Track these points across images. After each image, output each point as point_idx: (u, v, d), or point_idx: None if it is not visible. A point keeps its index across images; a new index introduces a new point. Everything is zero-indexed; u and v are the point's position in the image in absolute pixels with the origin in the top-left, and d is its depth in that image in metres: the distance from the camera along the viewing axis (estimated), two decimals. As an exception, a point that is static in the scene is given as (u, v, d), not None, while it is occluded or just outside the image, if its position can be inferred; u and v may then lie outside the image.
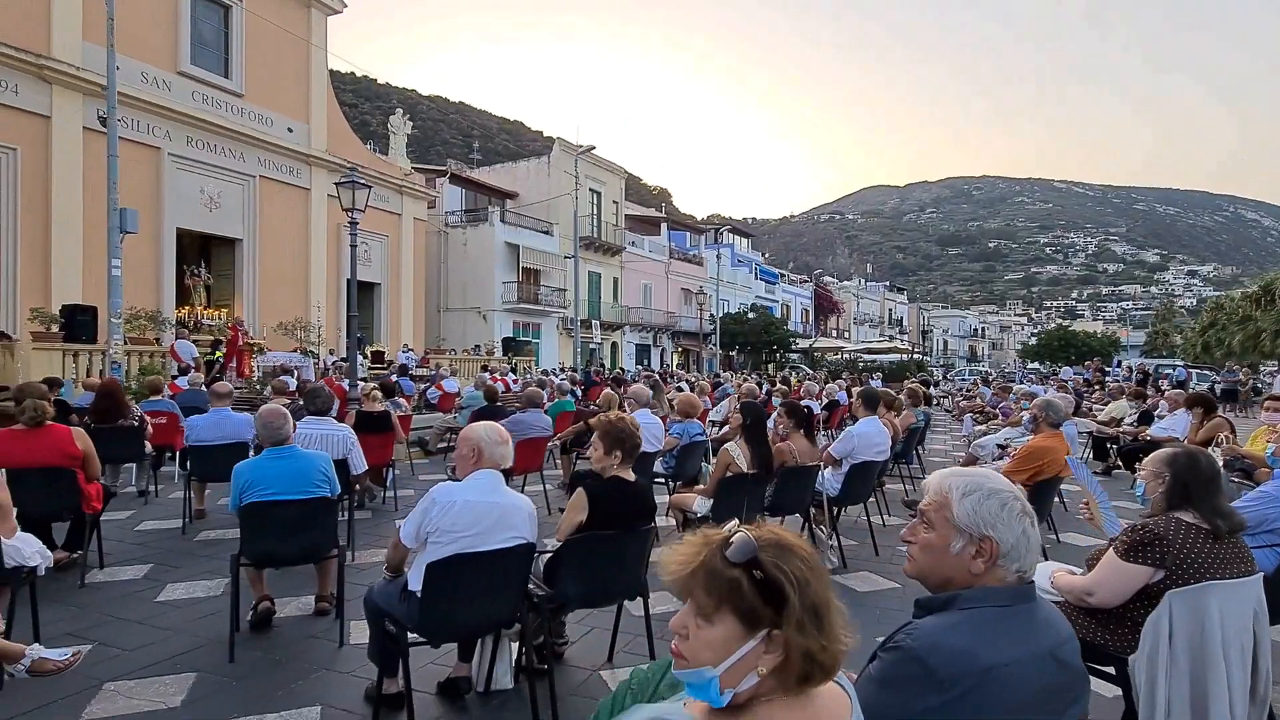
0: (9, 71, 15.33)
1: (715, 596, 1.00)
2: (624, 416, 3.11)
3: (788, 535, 1.07)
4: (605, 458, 3.05)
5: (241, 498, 3.43)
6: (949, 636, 1.30)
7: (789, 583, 0.99)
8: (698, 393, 9.98)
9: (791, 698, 1.02)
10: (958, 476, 1.46)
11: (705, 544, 1.05)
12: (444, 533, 2.52)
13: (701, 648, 1.01)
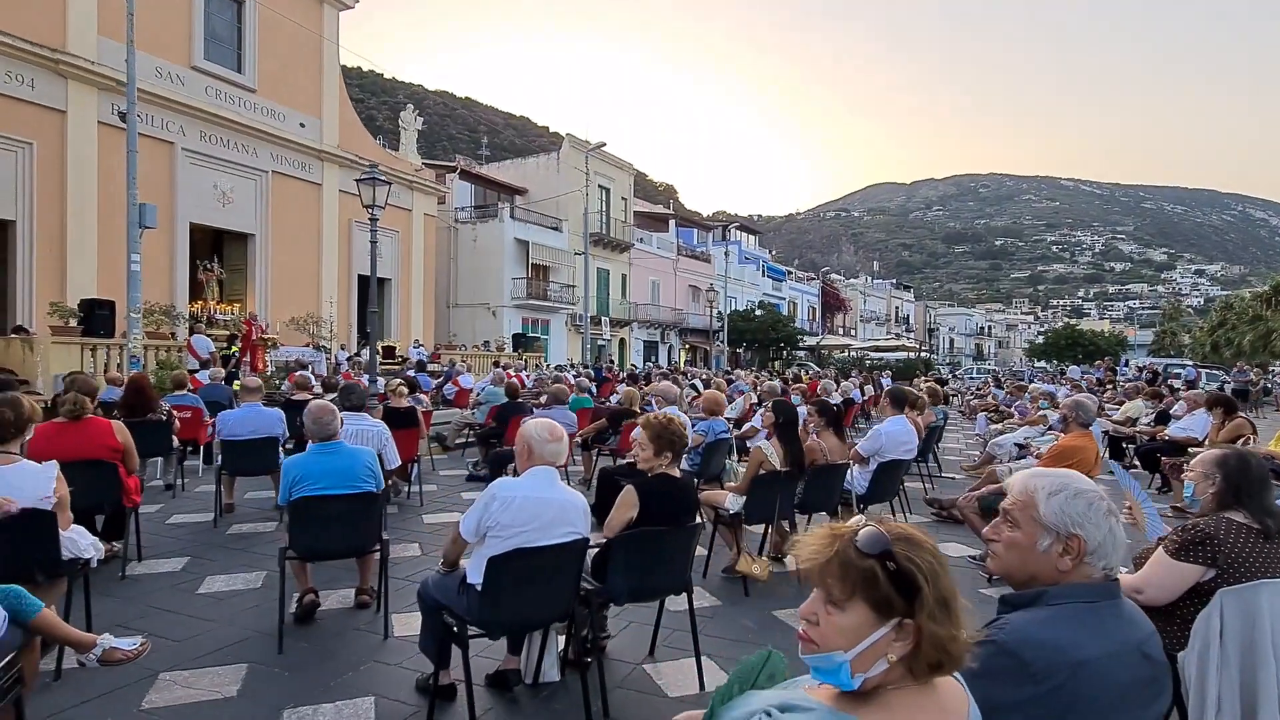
0: (25, 66, 15.41)
1: (848, 585, 1.05)
2: (673, 418, 3.15)
3: (914, 530, 1.11)
4: (655, 458, 3.09)
5: (291, 492, 3.49)
6: (1040, 630, 1.35)
7: (921, 573, 1.04)
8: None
9: (918, 687, 1.07)
10: (1042, 477, 1.50)
11: (835, 536, 1.10)
12: (504, 527, 2.57)
13: (833, 633, 1.06)
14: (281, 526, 5.89)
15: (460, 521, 2.76)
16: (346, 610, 4.06)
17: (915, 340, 60.32)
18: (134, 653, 2.53)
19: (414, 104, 28.57)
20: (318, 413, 3.62)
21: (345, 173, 23.22)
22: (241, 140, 19.99)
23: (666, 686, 3.23)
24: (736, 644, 3.72)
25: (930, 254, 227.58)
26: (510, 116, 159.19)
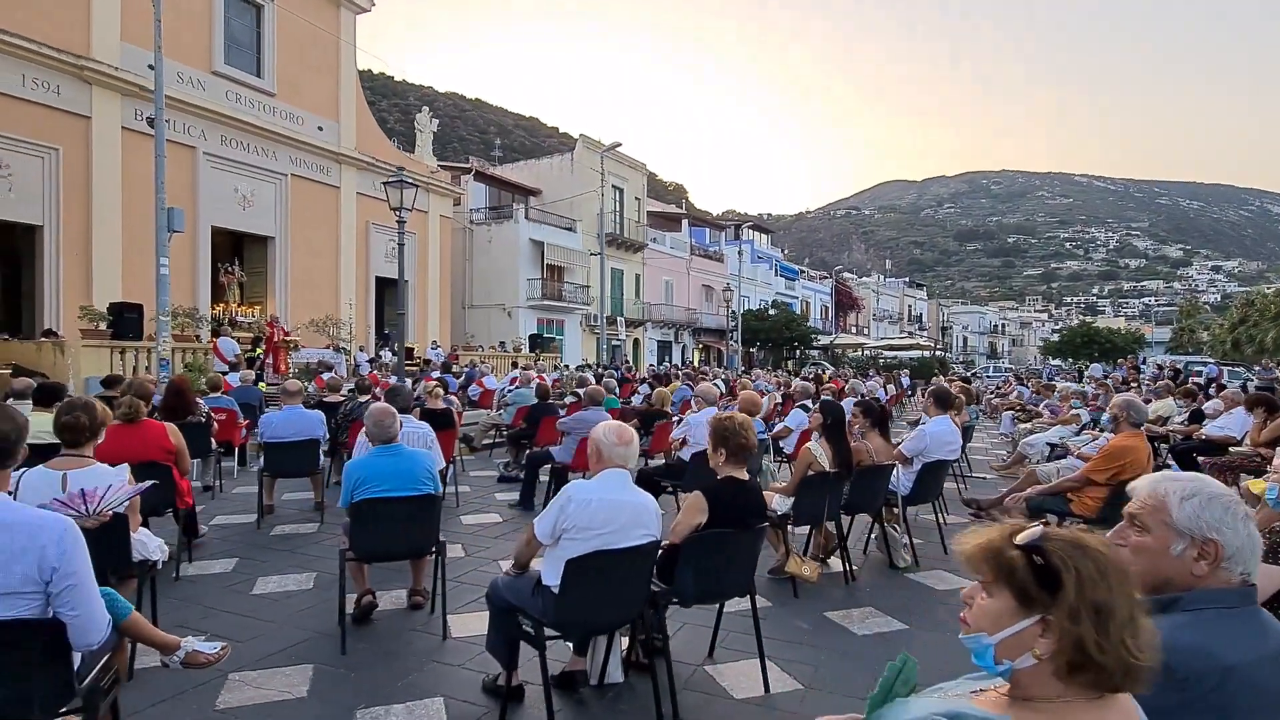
0: (51, 72, 15.59)
1: (993, 572, 1.11)
2: (733, 415, 3.15)
3: (1093, 539, 1.11)
4: (713, 455, 3.10)
5: (353, 494, 3.51)
6: (1181, 635, 1.33)
7: (1067, 572, 1.05)
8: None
9: (1089, 703, 1.06)
10: (1173, 481, 1.49)
11: (1002, 530, 1.14)
12: (581, 529, 2.58)
13: (980, 616, 1.13)
14: (323, 528, 5.96)
15: (534, 524, 2.78)
16: (401, 611, 4.08)
17: (929, 339, 59.99)
18: (215, 656, 2.56)
19: (424, 106, 28.70)
20: (379, 415, 3.64)
21: (363, 175, 23.38)
22: (261, 144, 20.15)
23: (731, 688, 3.23)
24: (792, 645, 3.71)
25: (942, 252, 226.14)
26: (520, 117, 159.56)
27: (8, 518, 1.92)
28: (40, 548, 1.90)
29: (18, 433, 2.00)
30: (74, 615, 1.95)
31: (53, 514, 2.02)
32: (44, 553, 1.90)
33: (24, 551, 1.88)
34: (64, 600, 1.94)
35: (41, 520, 1.96)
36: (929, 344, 49.13)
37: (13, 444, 1.99)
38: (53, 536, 1.93)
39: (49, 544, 1.92)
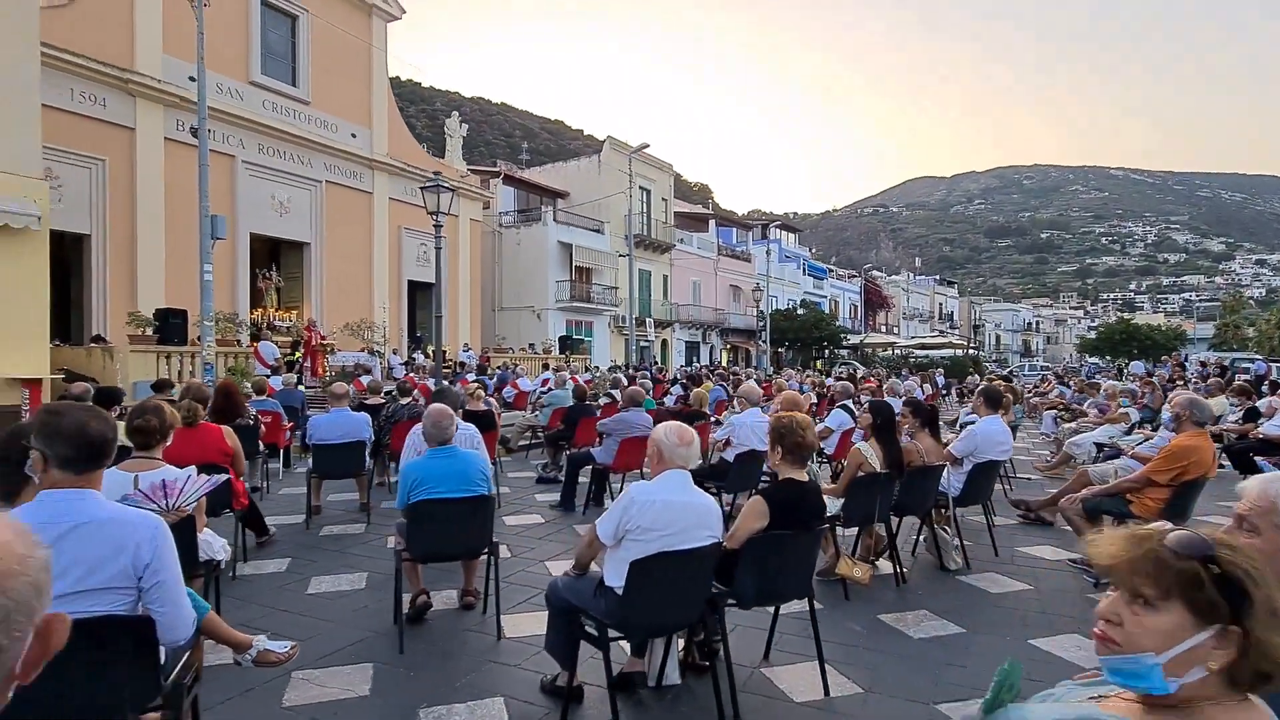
0: (98, 86, 16.06)
1: (1163, 586, 1.01)
2: (794, 415, 3.12)
3: (1229, 536, 1.07)
4: (771, 454, 3.08)
5: (410, 495, 3.55)
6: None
7: (1249, 578, 0.99)
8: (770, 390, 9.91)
9: (1235, 703, 1.02)
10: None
11: (1142, 537, 1.06)
12: (644, 531, 2.57)
13: (1141, 635, 1.02)
14: (369, 528, 6.04)
15: (596, 525, 2.77)
16: (453, 611, 4.12)
17: (961, 337, 59.01)
18: (285, 655, 2.60)
19: (452, 111, 29.02)
20: (437, 416, 3.68)
21: (394, 180, 23.72)
22: (297, 151, 20.55)
23: (790, 691, 3.20)
24: (847, 648, 3.66)
25: (973, 249, 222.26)
26: (546, 120, 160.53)
27: (103, 516, 1.97)
28: (135, 545, 1.96)
29: (113, 432, 2.05)
30: (163, 612, 2.00)
31: (145, 513, 2.07)
32: (138, 550, 1.95)
33: (119, 549, 1.94)
34: (154, 597, 1.99)
35: (136, 519, 2.02)
36: (962, 342, 48.30)
37: (109, 444, 2.03)
38: (146, 535, 1.98)
39: (143, 542, 1.97)
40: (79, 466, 1.97)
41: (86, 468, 1.99)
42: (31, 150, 11.37)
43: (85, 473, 1.99)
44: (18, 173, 11.03)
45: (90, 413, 2.05)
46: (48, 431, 1.97)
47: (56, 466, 1.97)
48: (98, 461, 2.02)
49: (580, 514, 6.61)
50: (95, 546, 1.91)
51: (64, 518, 1.89)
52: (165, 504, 2.71)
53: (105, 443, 2.02)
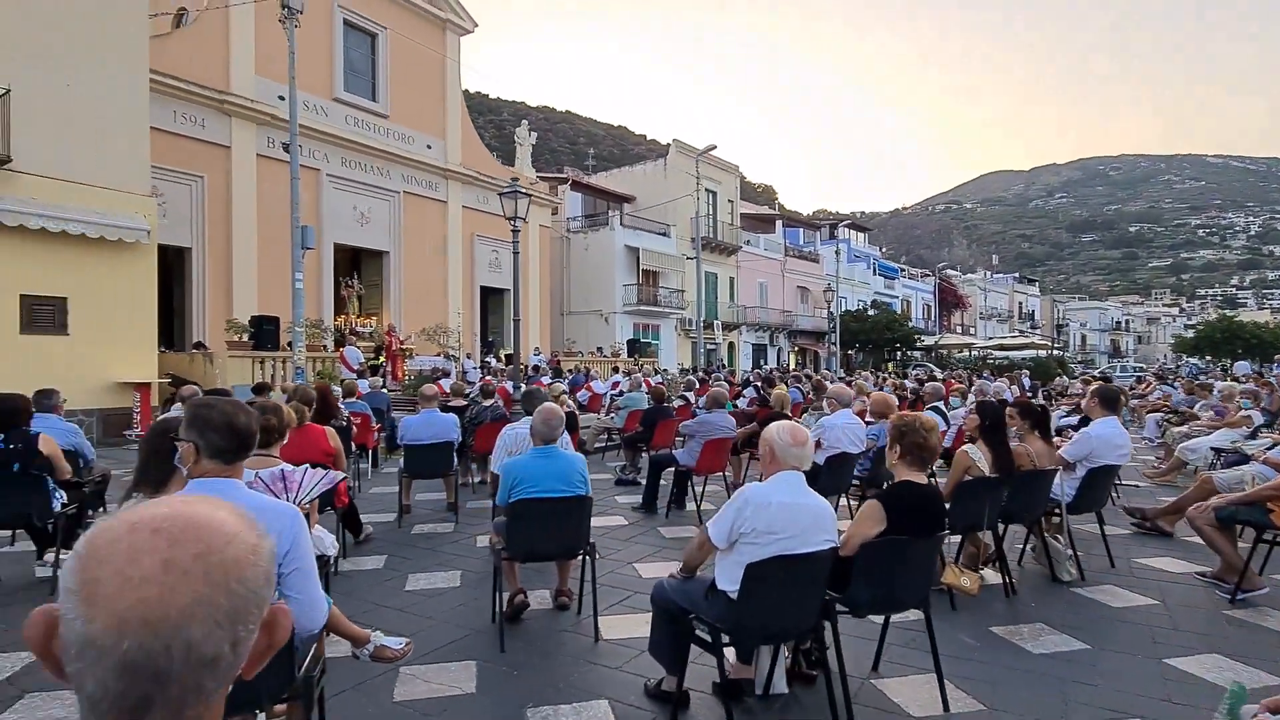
0: (197, 107, 17.11)
1: None
2: (918, 415, 2.97)
3: None
4: (889, 455, 2.94)
5: (511, 494, 3.58)
6: None
7: None
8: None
9: None
10: None
11: None
12: (761, 534, 2.49)
13: None
14: (459, 527, 6.15)
15: (708, 527, 2.70)
16: (547, 611, 4.12)
17: (1043, 337, 56.21)
18: (401, 652, 2.65)
19: (518, 121, 29.59)
20: (548, 415, 3.70)
21: (467, 189, 24.38)
22: (377, 163, 21.38)
23: (905, 704, 3.04)
24: (961, 661, 3.47)
25: (1054, 245, 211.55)
26: (609, 127, 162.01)
27: (249, 503, 2.04)
28: (276, 533, 2.00)
29: (257, 425, 2.17)
30: (299, 599, 2.05)
31: (283, 503, 2.18)
32: (278, 538, 1.99)
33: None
34: (290, 584, 2.05)
35: (277, 506, 2.11)
36: (1045, 343, 46.00)
37: (253, 435, 2.13)
38: (286, 523, 2.05)
39: (283, 530, 2.03)
40: (227, 456, 2.08)
41: (234, 457, 2.10)
42: (141, 170, 12.20)
43: (232, 462, 2.09)
44: (130, 191, 11.86)
45: (237, 406, 2.16)
46: (200, 423, 2.07)
47: (207, 456, 2.07)
48: (243, 452, 2.12)
49: (663, 516, 6.56)
50: None
51: None
52: (285, 498, 2.80)
53: (251, 434, 2.12)
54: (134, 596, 0.60)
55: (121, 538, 0.64)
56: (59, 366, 10.43)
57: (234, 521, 0.69)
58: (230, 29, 17.75)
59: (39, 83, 10.66)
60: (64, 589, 0.63)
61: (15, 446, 4.35)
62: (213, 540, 0.65)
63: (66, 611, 0.62)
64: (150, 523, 0.65)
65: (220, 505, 0.71)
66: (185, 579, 0.62)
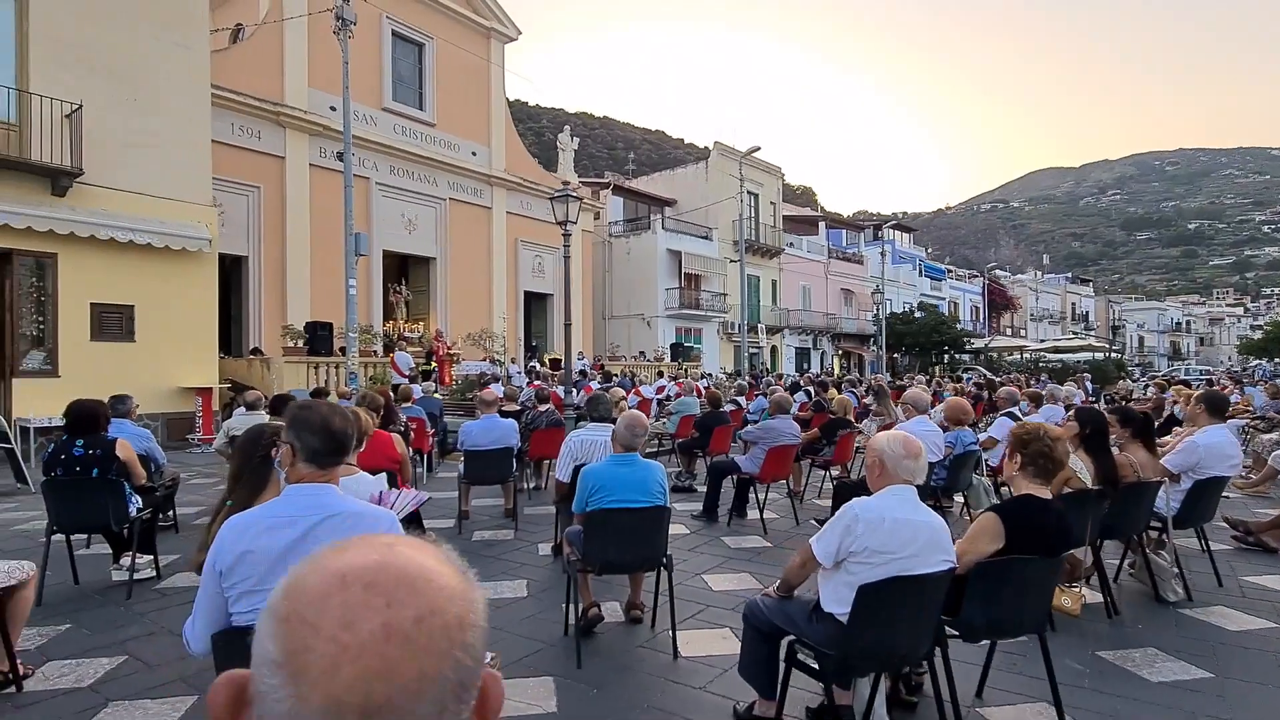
0: (254, 119, 17.57)
1: None
2: (1040, 424, 2.75)
3: None
4: (1008, 466, 2.73)
5: (587, 502, 3.46)
6: None
7: None
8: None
9: None
10: None
11: None
12: (874, 552, 2.30)
13: None
14: (519, 534, 6.07)
15: (811, 545, 2.53)
16: (620, 625, 3.99)
17: (1098, 339, 54.18)
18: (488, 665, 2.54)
19: (557, 127, 29.74)
20: (632, 422, 3.57)
21: (511, 195, 24.56)
22: (423, 171, 21.68)
23: (1019, 737, 2.82)
24: (1071, 689, 3.19)
25: (1106, 243, 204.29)
26: (646, 131, 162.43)
27: (351, 508, 2.00)
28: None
29: (353, 429, 2.12)
30: None
31: (381, 509, 2.11)
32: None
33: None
34: None
35: (377, 513, 2.06)
36: (1103, 345, 44.32)
37: (349, 439, 2.08)
38: (386, 528, 1.98)
39: (387, 528, 1.98)
40: (323, 459, 2.03)
41: (329, 461, 2.04)
42: (204, 181, 12.54)
43: (328, 467, 2.04)
44: (193, 201, 12.18)
45: (334, 409, 2.12)
46: (298, 425, 2.04)
47: (304, 459, 2.02)
48: (338, 456, 2.06)
49: (725, 525, 6.38)
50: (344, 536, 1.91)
51: (315, 510, 1.93)
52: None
53: (346, 437, 2.07)
54: (352, 672, 0.48)
55: (331, 594, 0.51)
56: (126, 372, 10.75)
57: (449, 572, 0.57)
58: (284, 43, 18.20)
59: (108, 98, 11.03)
60: (264, 658, 0.51)
61: (94, 452, 4.40)
62: (435, 599, 0.53)
63: (268, 688, 0.49)
64: (361, 575, 0.53)
65: (428, 551, 0.59)
66: (408, 648, 0.50)
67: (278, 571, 1.87)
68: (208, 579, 1.92)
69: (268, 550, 1.87)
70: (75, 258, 10.64)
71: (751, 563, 5.24)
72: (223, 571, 1.89)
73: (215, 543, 1.92)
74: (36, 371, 10.38)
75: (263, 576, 1.87)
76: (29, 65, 10.28)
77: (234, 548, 1.89)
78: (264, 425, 2.49)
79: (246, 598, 1.89)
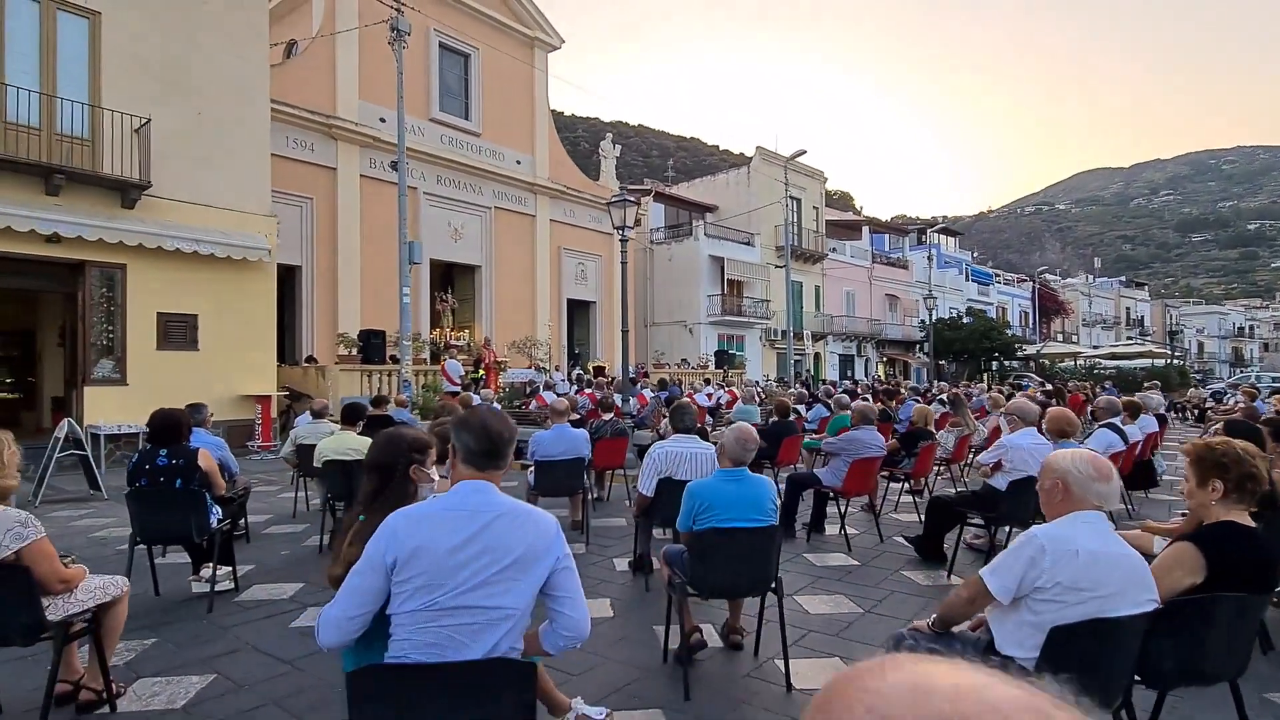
0: (307, 132, 17.87)
1: None
2: (1232, 440, 2.44)
3: None
4: (1197, 490, 2.42)
5: (695, 521, 3.24)
6: None
7: None
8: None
9: None
10: None
11: None
12: (1067, 590, 2.02)
13: None
14: (590, 549, 5.88)
15: (984, 577, 2.25)
16: (720, 651, 3.75)
17: (1155, 345, 52.13)
18: (599, 723, 2.36)
19: (594, 136, 29.76)
20: (742, 435, 3.35)
21: (555, 203, 24.61)
22: (469, 180, 21.84)
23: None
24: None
25: (1159, 246, 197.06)
26: (681, 139, 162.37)
27: (519, 507, 1.99)
28: (552, 534, 1.97)
29: (510, 434, 2.08)
30: (570, 600, 1.98)
31: (540, 510, 2.05)
32: (552, 540, 1.97)
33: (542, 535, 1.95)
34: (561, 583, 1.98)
35: (535, 514, 2.01)
36: (1165, 351, 42.59)
37: (503, 443, 2.04)
38: (554, 526, 2.00)
39: (554, 533, 1.98)
40: (480, 461, 2.01)
41: (487, 464, 2.02)
42: (263, 192, 12.73)
43: (486, 469, 2.02)
44: (253, 212, 12.37)
45: (494, 414, 2.10)
46: (459, 427, 2.04)
47: (463, 461, 2.02)
48: (495, 459, 2.03)
49: (805, 540, 6.10)
50: (518, 533, 1.91)
51: (488, 506, 1.93)
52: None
53: (503, 440, 2.04)
54: None
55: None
56: (190, 380, 10.92)
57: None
58: (336, 56, 18.51)
59: (174, 112, 11.28)
60: None
61: (177, 462, 4.34)
62: None
63: None
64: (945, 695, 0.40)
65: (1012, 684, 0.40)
66: None
67: (452, 568, 1.83)
68: (370, 570, 1.86)
69: (443, 544, 1.85)
70: (143, 268, 10.86)
71: (842, 582, 4.96)
72: (397, 562, 1.84)
73: (385, 533, 1.88)
74: (106, 380, 10.61)
75: (437, 572, 1.83)
76: (101, 81, 10.55)
77: (410, 540, 1.85)
78: (400, 437, 2.38)
79: (420, 594, 1.83)
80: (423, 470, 2.35)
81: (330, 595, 2.00)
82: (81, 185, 10.27)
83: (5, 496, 2.74)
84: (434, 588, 1.81)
